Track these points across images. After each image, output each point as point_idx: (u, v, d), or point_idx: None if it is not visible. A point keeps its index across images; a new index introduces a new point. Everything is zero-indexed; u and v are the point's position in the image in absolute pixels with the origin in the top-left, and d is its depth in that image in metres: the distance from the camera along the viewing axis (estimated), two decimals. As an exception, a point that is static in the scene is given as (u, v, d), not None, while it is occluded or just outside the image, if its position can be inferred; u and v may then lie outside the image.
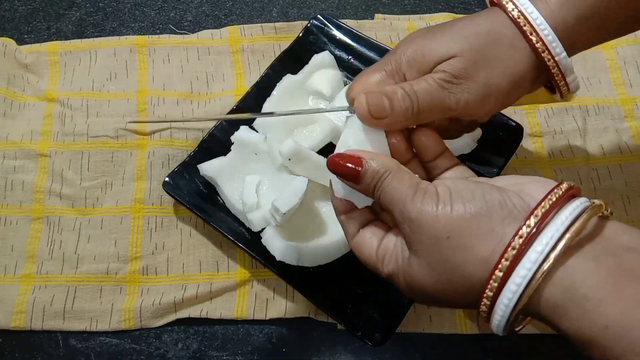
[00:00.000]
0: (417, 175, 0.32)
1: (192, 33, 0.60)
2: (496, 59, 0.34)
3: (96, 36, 0.60)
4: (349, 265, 0.47)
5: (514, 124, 0.51)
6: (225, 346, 0.47)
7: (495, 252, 0.28)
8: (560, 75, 0.35)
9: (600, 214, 0.28)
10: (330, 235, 0.46)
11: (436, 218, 0.29)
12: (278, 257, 0.43)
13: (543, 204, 0.28)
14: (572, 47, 0.35)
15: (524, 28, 0.34)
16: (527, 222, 0.27)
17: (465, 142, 0.49)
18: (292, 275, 0.45)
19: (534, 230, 0.27)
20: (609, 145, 0.53)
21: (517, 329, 0.30)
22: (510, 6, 0.34)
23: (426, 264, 0.30)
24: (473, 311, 0.47)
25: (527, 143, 0.53)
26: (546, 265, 0.26)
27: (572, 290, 0.26)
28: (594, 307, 0.25)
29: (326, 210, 0.48)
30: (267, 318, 0.47)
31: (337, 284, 0.46)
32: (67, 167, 0.52)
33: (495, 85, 0.34)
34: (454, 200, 0.29)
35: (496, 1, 0.35)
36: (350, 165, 0.32)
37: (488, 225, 0.28)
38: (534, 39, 0.34)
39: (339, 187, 0.34)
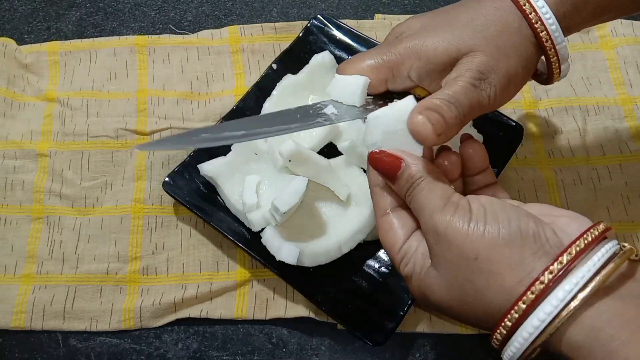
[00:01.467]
0: (452, 187, 0.31)
1: (192, 33, 0.60)
2: (510, 47, 0.34)
3: (96, 36, 0.60)
4: (349, 265, 0.47)
5: (514, 124, 0.51)
6: (225, 346, 0.47)
7: (521, 284, 0.27)
8: (557, 63, 0.36)
9: (630, 258, 0.28)
10: (330, 235, 0.46)
11: (466, 236, 0.28)
12: (278, 257, 0.43)
13: (578, 242, 0.27)
14: (567, 30, 0.36)
15: (530, 16, 0.34)
16: (560, 259, 0.26)
17: None
18: (292, 275, 0.45)
19: (565, 268, 0.26)
20: (609, 145, 0.53)
21: None
22: None
23: (445, 280, 0.29)
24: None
25: (527, 143, 0.53)
26: (572, 305, 0.25)
27: (597, 331, 0.25)
28: (620, 348, 0.24)
29: (326, 210, 0.48)
30: (267, 318, 0.47)
31: (337, 284, 0.46)
32: (67, 167, 0.52)
33: (514, 73, 0.34)
34: (488, 221, 0.28)
35: None
36: (389, 164, 0.31)
37: (519, 255, 0.27)
38: (538, 27, 0.34)
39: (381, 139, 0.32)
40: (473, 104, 0.32)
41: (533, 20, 0.34)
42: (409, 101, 0.33)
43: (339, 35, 0.56)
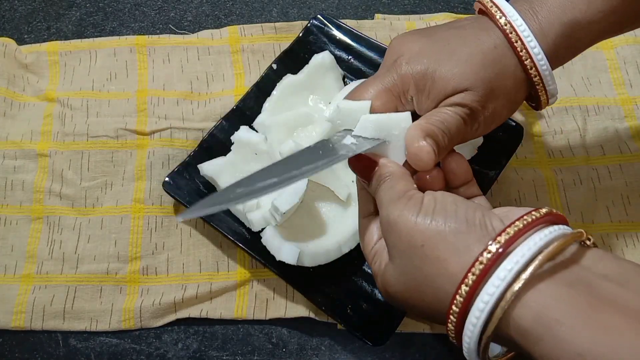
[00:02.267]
0: (414, 185, 0.32)
1: (192, 33, 0.60)
2: (501, 91, 0.35)
3: (96, 36, 0.60)
4: (349, 265, 0.47)
5: (514, 124, 0.51)
6: (225, 346, 0.47)
7: (465, 269, 0.27)
8: (546, 100, 0.37)
9: (581, 243, 0.27)
10: (330, 235, 0.46)
11: (414, 225, 0.29)
12: (278, 257, 0.43)
13: (517, 223, 0.27)
14: (557, 63, 0.37)
15: (526, 62, 0.35)
16: (498, 239, 0.27)
17: (467, 149, 0.49)
18: (292, 275, 0.45)
19: (504, 247, 0.26)
20: (609, 145, 0.53)
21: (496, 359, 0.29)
22: (513, 37, 0.35)
23: (399, 270, 0.30)
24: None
25: (527, 143, 0.53)
26: (517, 286, 0.25)
27: (544, 315, 0.25)
28: (566, 334, 0.24)
29: (326, 210, 0.48)
30: (267, 318, 0.47)
31: (337, 284, 0.46)
32: (67, 167, 0.52)
33: (499, 114, 0.36)
34: (436, 212, 0.29)
35: (501, 31, 0.35)
36: (365, 167, 0.34)
37: (464, 241, 0.28)
38: (532, 73, 0.35)
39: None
40: (460, 137, 0.35)
41: (528, 67, 0.35)
42: (405, 116, 0.35)
43: (339, 35, 0.56)
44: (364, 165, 0.34)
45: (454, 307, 0.27)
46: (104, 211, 0.51)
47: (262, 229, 0.45)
